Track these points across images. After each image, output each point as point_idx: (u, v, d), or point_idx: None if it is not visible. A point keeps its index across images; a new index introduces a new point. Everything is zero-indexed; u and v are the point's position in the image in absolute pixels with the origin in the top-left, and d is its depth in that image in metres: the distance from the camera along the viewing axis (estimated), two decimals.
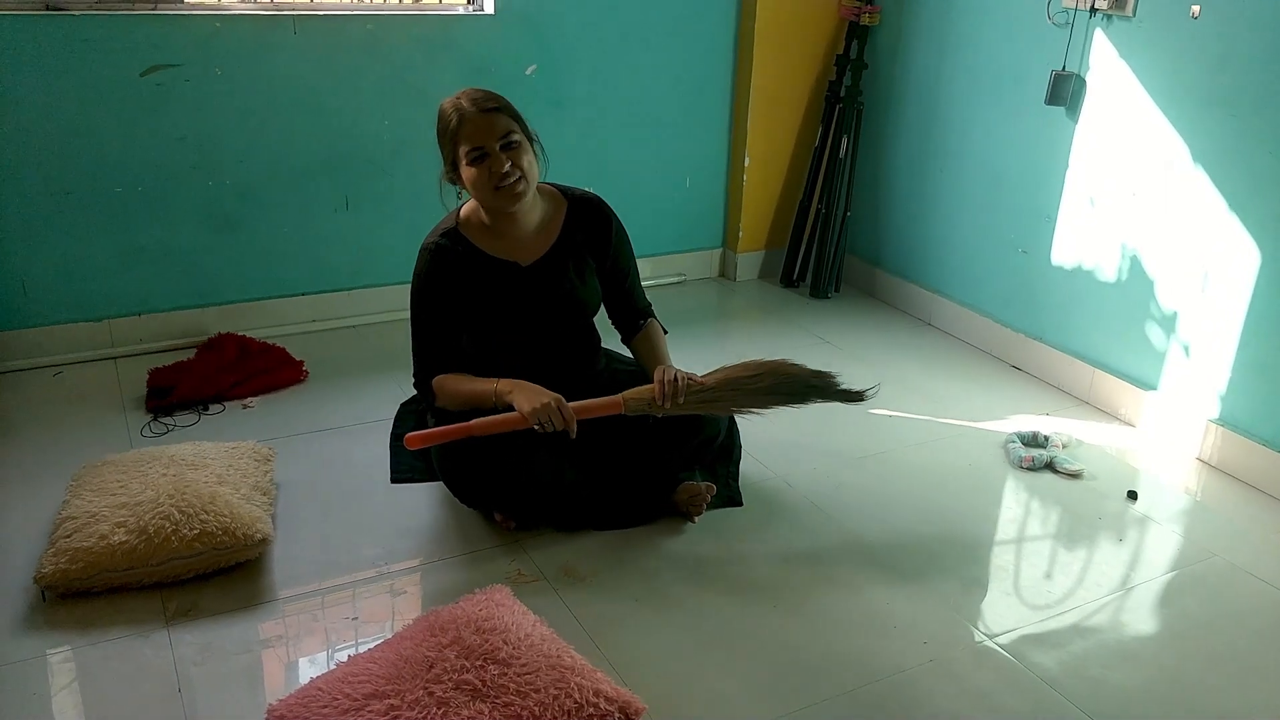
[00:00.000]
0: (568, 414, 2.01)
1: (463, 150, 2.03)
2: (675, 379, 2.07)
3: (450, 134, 2.04)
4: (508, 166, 2.02)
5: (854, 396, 2.16)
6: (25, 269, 2.83)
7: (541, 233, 2.20)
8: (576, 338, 2.29)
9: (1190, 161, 2.59)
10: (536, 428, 2.01)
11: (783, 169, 3.82)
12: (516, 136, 2.04)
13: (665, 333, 2.35)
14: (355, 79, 3.05)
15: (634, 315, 2.34)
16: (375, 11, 3.06)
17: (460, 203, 2.22)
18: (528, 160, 2.05)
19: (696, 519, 2.26)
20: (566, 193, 2.25)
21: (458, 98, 2.06)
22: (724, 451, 2.37)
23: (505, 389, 2.06)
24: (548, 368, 2.21)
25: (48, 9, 2.66)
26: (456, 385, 2.14)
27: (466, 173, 2.05)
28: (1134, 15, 2.66)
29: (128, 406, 2.71)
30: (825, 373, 2.15)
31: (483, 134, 2.01)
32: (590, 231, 2.24)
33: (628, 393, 2.08)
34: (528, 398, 2.02)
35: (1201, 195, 2.57)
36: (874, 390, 2.16)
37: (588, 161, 3.46)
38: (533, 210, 2.17)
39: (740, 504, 2.33)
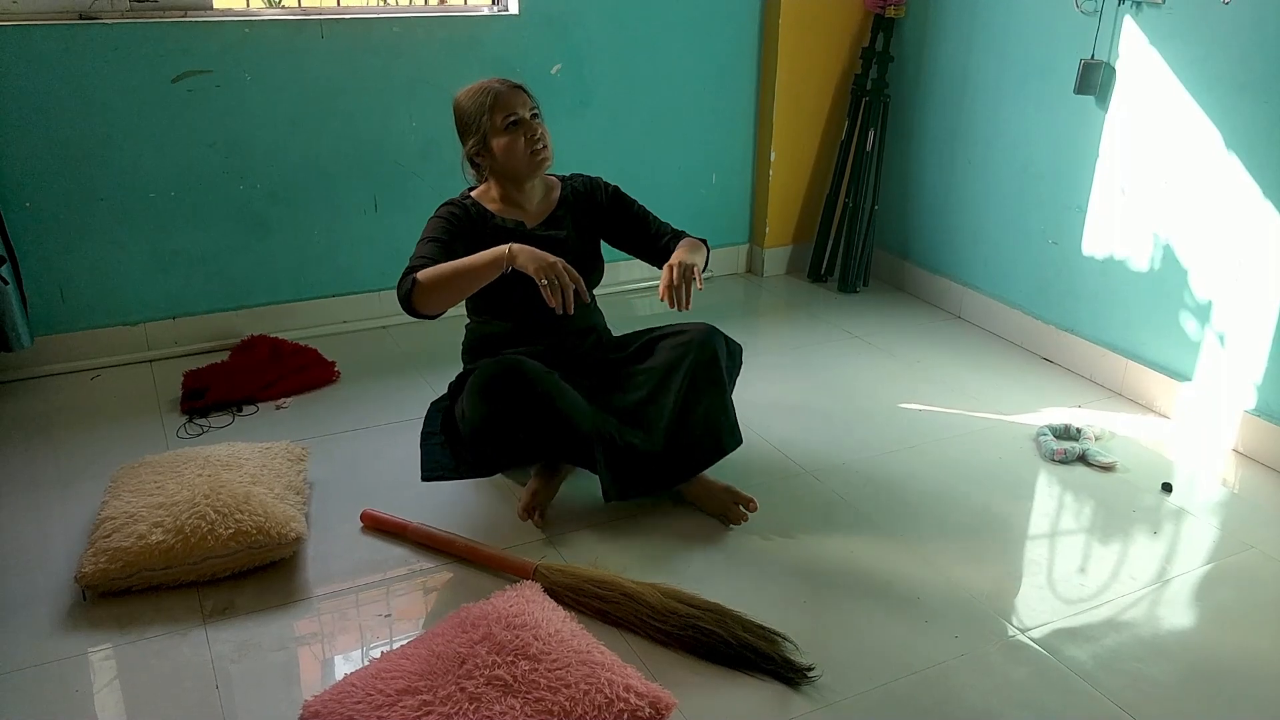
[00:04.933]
0: (574, 274, 2.06)
1: (498, 119, 2.21)
2: (677, 267, 2.14)
3: (486, 108, 2.22)
4: (539, 133, 2.24)
5: (791, 673, 1.78)
6: (62, 275, 2.88)
7: (542, 205, 2.38)
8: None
9: (1223, 149, 2.55)
10: (544, 284, 2.01)
11: (809, 163, 3.80)
12: (538, 109, 2.28)
13: (704, 241, 2.38)
14: (382, 81, 3.08)
15: (669, 241, 2.39)
16: (401, 14, 3.08)
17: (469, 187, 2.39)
18: (546, 130, 2.27)
19: (735, 525, 2.24)
20: (561, 176, 2.45)
21: (479, 83, 2.26)
22: (728, 373, 2.33)
23: (513, 252, 2.04)
24: (547, 330, 2.32)
25: (81, 18, 2.71)
26: (438, 269, 2.08)
27: (499, 141, 2.23)
28: (1164, 2, 2.62)
29: (163, 409, 2.75)
30: (772, 634, 1.85)
31: (516, 104, 2.23)
32: (583, 193, 2.43)
33: None
34: (532, 257, 2.03)
35: (1235, 183, 2.54)
36: (816, 673, 1.79)
37: (613, 159, 3.47)
38: (538, 186, 2.36)
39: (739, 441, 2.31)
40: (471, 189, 2.38)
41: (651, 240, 2.41)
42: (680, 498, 2.30)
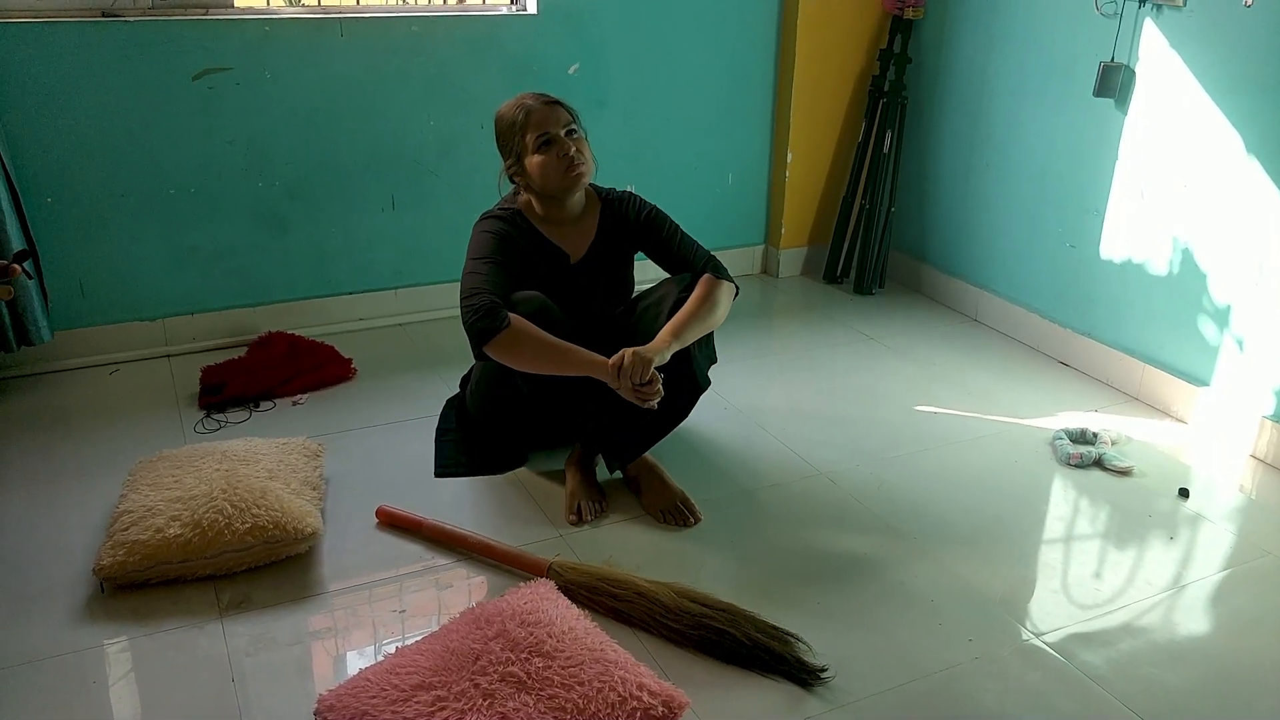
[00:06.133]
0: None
1: (530, 138, 2.19)
2: (622, 362, 2.06)
3: (518, 126, 2.21)
4: (573, 150, 2.19)
5: (804, 674, 1.78)
6: (82, 270, 2.91)
7: (583, 227, 2.34)
8: (607, 323, 2.38)
9: (1243, 152, 2.54)
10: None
11: (826, 164, 3.80)
12: (576, 128, 2.24)
13: (734, 285, 2.31)
14: (401, 80, 3.09)
15: (693, 271, 2.33)
16: (420, 13, 3.09)
17: (507, 193, 2.36)
18: (585, 147, 2.24)
19: (673, 525, 2.25)
20: (600, 192, 2.39)
21: (518, 98, 2.25)
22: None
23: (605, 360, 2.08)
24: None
25: (104, 16, 2.73)
26: (538, 333, 2.10)
27: (532, 160, 2.20)
28: (1184, 4, 2.61)
29: (181, 403, 2.77)
30: (786, 635, 1.85)
31: (548, 122, 2.20)
32: (621, 221, 2.37)
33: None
34: (635, 393, 2.07)
35: (1255, 186, 2.52)
36: (829, 675, 1.79)
37: (630, 159, 3.47)
38: (579, 202, 2.32)
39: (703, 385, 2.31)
40: (516, 192, 2.35)
41: (676, 264, 2.36)
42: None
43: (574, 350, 2.11)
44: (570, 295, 2.31)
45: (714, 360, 2.38)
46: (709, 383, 2.32)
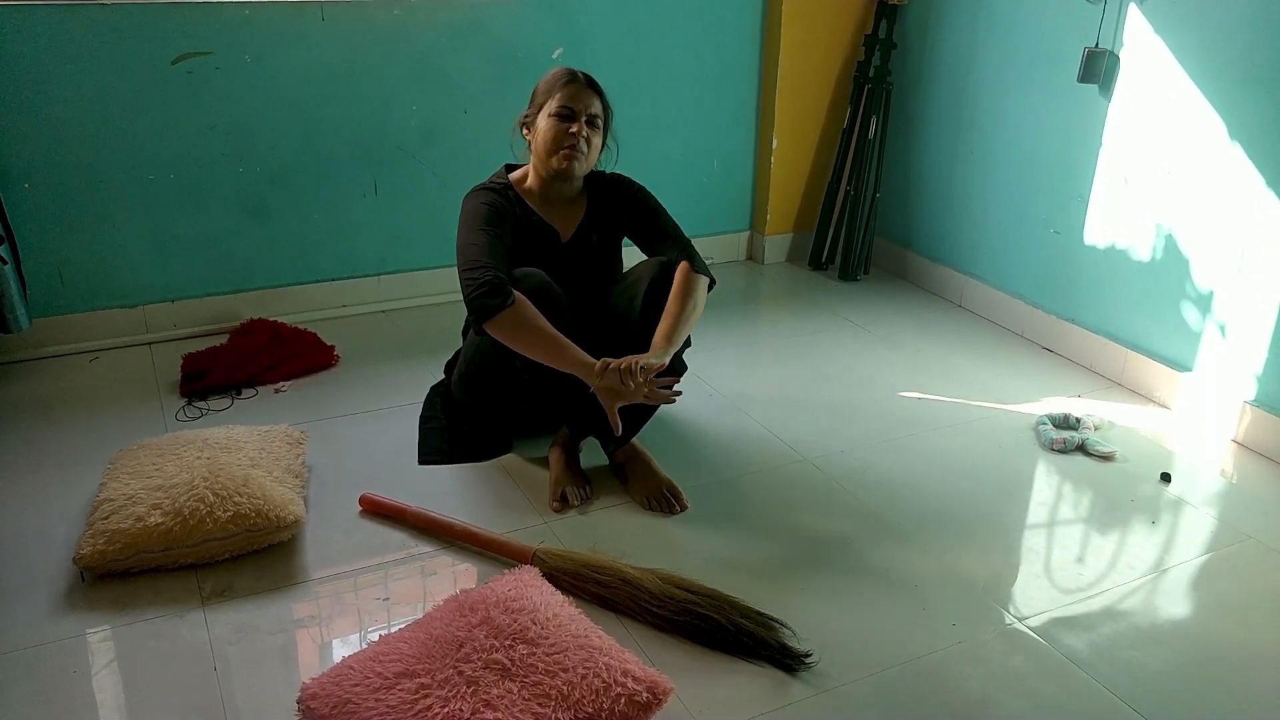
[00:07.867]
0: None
1: (555, 101, 2.23)
2: (618, 369, 2.06)
3: (554, 86, 2.25)
4: (580, 136, 2.22)
5: (788, 659, 1.79)
6: (62, 257, 2.88)
7: (573, 207, 2.37)
8: (596, 304, 2.39)
9: (1227, 139, 2.54)
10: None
11: (811, 151, 3.79)
12: (600, 120, 2.28)
13: (709, 278, 2.32)
14: (383, 65, 3.07)
15: (667, 258, 2.33)
16: None
17: (499, 169, 2.39)
18: (595, 143, 2.28)
19: (658, 512, 2.25)
20: (590, 175, 2.41)
21: (573, 70, 2.29)
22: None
23: (604, 379, 2.07)
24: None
25: None
26: (539, 319, 2.11)
27: (543, 122, 2.25)
28: None
29: (162, 391, 2.75)
30: (770, 620, 1.85)
31: (579, 99, 2.24)
32: (609, 200, 2.40)
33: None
34: (615, 395, 2.09)
35: (1238, 173, 2.53)
36: (814, 660, 1.79)
37: (614, 144, 3.45)
38: (572, 185, 2.35)
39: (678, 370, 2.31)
40: (510, 169, 2.38)
41: (657, 245, 2.37)
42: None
43: (568, 346, 2.11)
44: (563, 274, 2.31)
45: (689, 345, 2.38)
46: (686, 367, 2.37)
